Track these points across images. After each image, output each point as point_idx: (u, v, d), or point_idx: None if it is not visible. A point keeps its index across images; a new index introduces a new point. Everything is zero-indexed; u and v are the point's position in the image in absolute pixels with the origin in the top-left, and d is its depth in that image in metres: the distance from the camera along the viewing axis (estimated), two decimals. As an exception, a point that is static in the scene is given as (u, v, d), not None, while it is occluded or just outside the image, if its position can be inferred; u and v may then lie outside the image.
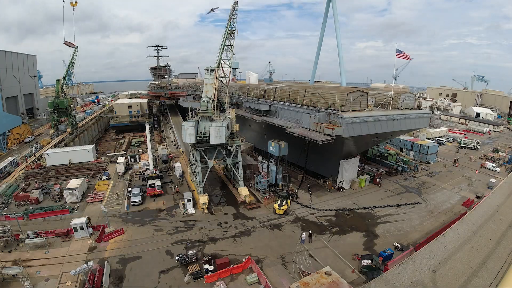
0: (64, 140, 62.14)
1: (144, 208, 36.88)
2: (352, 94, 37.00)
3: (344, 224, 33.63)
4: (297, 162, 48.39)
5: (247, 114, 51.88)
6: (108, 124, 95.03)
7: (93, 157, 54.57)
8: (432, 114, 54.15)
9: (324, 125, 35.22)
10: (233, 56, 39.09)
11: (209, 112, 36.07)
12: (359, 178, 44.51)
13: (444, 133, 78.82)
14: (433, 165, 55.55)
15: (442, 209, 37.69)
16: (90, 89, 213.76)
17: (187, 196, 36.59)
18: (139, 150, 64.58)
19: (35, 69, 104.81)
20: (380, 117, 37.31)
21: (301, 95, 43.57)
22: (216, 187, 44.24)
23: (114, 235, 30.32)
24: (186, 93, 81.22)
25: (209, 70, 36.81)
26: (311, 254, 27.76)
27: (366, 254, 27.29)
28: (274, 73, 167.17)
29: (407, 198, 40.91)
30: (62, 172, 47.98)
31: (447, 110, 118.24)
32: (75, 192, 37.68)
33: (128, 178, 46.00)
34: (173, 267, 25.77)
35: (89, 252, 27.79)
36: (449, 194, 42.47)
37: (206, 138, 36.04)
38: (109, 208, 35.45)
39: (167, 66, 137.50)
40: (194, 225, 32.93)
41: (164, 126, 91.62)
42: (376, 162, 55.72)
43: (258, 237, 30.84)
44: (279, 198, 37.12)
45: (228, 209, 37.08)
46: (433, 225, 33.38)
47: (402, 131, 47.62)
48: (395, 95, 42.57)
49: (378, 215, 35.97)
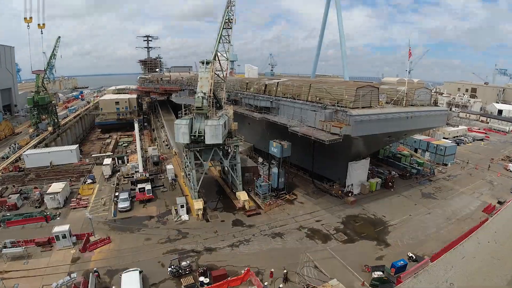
0: (45, 140, 62.07)
1: (133, 214, 36.84)
2: (361, 90, 36.99)
3: (352, 232, 33.65)
4: (301, 164, 48.39)
5: (246, 111, 51.82)
6: (93, 122, 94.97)
7: (77, 158, 54.48)
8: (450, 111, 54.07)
9: (331, 123, 35.20)
10: (231, 47, 39.10)
11: (205, 109, 36.06)
12: (370, 182, 44.54)
13: (463, 132, 78.88)
14: (450, 167, 55.58)
15: (460, 216, 37.70)
16: (73, 83, 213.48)
17: (180, 202, 36.57)
18: (128, 151, 64.60)
19: (13, 62, 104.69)
20: (392, 114, 37.29)
21: (306, 91, 43.55)
22: (212, 192, 44.19)
23: (100, 244, 30.29)
24: (179, 88, 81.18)
25: (205, 63, 36.79)
26: (316, 265, 27.76)
27: (377, 265, 27.25)
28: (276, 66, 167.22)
29: (422, 203, 40.92)
30: (43, 175, 47.88)
31: (466, 106, 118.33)
32: (57, 197, 37.60)
33: (115, 181, 45.97)
34: (165, 280, 25.75)
35: (73, 263, 27.76)
36: (469, 199, 42.47)
37: (201, 138, 36.02)
38: (95, 215, 35.41)
39: (158, 59, 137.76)
40: (188, 233, 32.92)
41: (155, 125, 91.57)
42: (388, 164, 55.70)
43: (258, 246, 30.84)
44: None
45: (225, 216, 37.07)
46: (450, 233, 33.32)
47: (416, 130, 47.64)
48: (409, 90, 42.56)
49: (389, 221, 36.00)
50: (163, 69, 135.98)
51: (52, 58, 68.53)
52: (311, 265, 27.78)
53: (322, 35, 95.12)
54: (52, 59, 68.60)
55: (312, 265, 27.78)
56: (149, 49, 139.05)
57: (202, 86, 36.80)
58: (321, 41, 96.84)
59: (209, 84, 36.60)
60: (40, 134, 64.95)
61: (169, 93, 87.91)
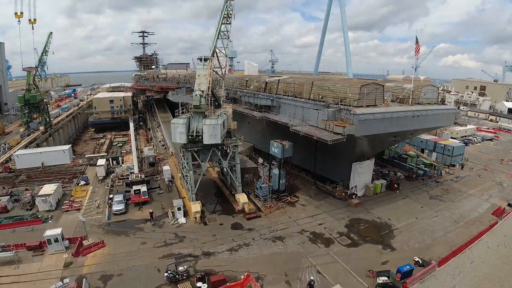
0: (36, 139, 62.13)
1: (128, 217, 36.83)
2: (366, 87, 37.02)
3: (356, 236, 33.66)
4: (303, 165, 48.42)
5: (246, 110, 51.90)
6: (86, 121, 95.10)
7: (70, 159, 54.52)
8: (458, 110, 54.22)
9: (334, 122, 35.25)
10: (230, 43, 39.15)
11: (203, 107, 36.09)
12: (374, 183, 44.57)
13: (471, 131, 78.92)
14: (458, 168, 55.61)
15: (469, 219, 37.70)
16: (66, 81, 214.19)
17: (177, 204, 36.58)
18: (122, 151, 64.65)
19: (2, 58, 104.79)
20: (398, 113, 37.32)
21: (308, 88, 43.59)
22: (211, 194, 44.18)
23: (94, 248, 30.27)
24: (176, 86, 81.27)
25: (203, 60, 36.83)
26: (319, 270, 27.76)
27: (382, 270, 27.26)
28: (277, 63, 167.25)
29: (429, 206, 40.95)
30: (34, 176, 47.90)
31: (475, 105, 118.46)
32: (48, 200, 37.62)
33: (109, 183, 46.00)
34: (161, 285, 25.74)
35: (65, 268, 27.74)
36: (477, 202, 42.48)
37: (199, 138, 36.05)
38: (88, 218, 35.41)
39: (155, 55, 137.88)
40: (185, 237, 32.92)
41: (150, 124, 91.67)
42: (394, 165, 55.73)
43: (258, 250, 30.84)
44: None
45: (224, 219, 37.09)
46: (458, 237, 33.35)
47: (423, 130, 47.62)
48: (416, 88, 42.59)
49: (395, 225, 36.03)
50: (159, 66, 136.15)
51: (44, 55, 68.58)
52: (314, 270, 27.77)
53: (325, 31, 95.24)
54: (44, 56, 68.65)
55: (314, 270, 27.78)
56: (145, 45, 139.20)
57: (200, 83, 36.85)
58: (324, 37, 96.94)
59: (207, 81, 36.67)
60: (31, 134, 65.02)
61: (166, 91, 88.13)
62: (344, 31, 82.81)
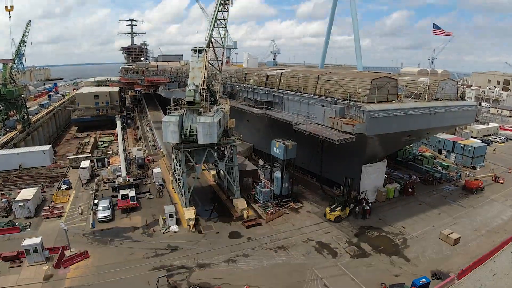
0: (14, 139, 62.13)
1: (115, 225, 36.86)
2: (377, 81, 37.00)
3: (366, 245, 33.67)
4: (308, 167, 48.45)
5: (245, 106, 51.91)
6: (69, 119, 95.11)
7: (50, 160, 54.59)
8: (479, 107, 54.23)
9: (343, 120, 35.24)
10: (227, 33, 39.16)
11: (197, 104, 36.09)
12: (387, 187, 44.59)
13: (494, 130, 78.92)
14: (479, 171, 55.63)
15: (491, 227, 37.75)
16: (46, 74, 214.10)
17: (168, 210, 36.62)
18: (108, 152, 64.63)
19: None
20: (413, 110, 37.29)
21: (313, 83, 43.59)
22: (206, 199, 44.29)
23: (77, 259, 30.28)
24: (167, 80, 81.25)
25: (197, 51, 36.84)
26: (326, 284, 27.78)
27: (396, 284, 27.28)
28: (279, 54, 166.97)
29: (447, 212, 40.98)
30: (11, 179, 48.01)
31: (498, 101, 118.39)
32: (27, 205, 37.65)
33: (94, 187, 46.05)
34: (151, 300, 25.81)
35: (45, 281, 27.71)
36: (500, 208, 42.54)
37: (193, 137, 36.08)
38: (70, 226, 35.39)
39: (144, 46, 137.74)
40: (178, 247, 32.93)
41: (139, 122, 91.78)
42: (408, 167, 55.81)
43: (258, 262, 30.87)
44: (335, 202, 39.19)
45: (221, 227, 37.13)
46: (480, 247, 33.38)
47: (441, 128, 47.60)
48: (432, 82, 42.59)
49: (409, 233, 36.05)
50: (149, 58, 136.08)
51: (22, 45, 68.58)
52: (320, 284, 27.79)
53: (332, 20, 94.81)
54: (22, 47, 68.65)
55: (320, 283, 27.80)
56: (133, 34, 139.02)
57: (194, 77, 36.85)
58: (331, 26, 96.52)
59: (202, 75, 36.61)
60: (8, 133, 65.04)
61: (156, 86, 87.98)
62: (353, 18, 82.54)
